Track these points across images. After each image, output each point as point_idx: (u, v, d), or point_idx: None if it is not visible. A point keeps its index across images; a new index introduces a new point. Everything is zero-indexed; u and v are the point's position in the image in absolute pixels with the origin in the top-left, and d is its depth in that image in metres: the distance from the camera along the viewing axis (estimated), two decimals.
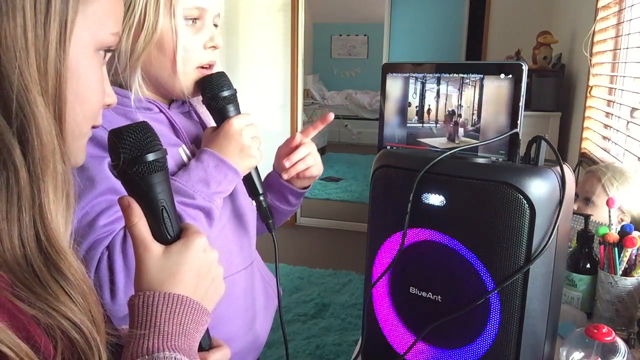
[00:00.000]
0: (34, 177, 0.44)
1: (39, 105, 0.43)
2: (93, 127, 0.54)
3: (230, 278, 0.96)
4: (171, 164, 0.87)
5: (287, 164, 1.04)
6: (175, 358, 0.51)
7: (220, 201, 0.89)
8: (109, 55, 0.53)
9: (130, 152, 0.55)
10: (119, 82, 0.88)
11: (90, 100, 0.51)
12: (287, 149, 1.06)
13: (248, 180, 0.98)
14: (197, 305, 0.56)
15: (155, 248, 0.56)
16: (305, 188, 1.12)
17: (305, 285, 3.31)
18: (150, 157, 0.55)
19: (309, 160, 1.05)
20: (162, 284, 0.55)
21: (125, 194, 0.57)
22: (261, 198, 0.99)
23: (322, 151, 7.00)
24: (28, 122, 0.43)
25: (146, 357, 0.51)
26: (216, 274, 0.60)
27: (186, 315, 0.55)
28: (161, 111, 0.93)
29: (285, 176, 1.05)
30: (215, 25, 0.93)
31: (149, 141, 0.56)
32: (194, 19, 0.89)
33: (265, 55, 4.22)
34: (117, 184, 0.82)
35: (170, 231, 0.58)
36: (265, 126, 4.31)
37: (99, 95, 0.52)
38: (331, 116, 1.07)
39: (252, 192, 0.99)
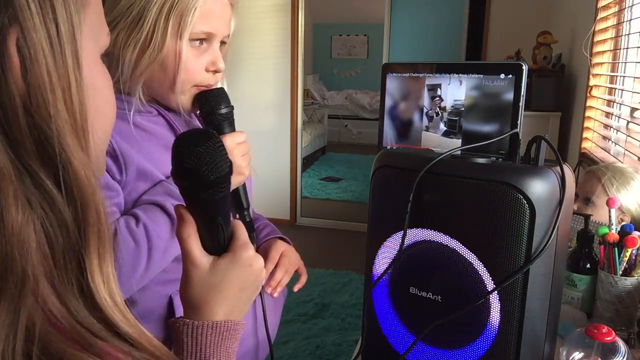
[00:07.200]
0: (81, 232, 0.40)
1: (73, 150, 0.39)
2: None
3: None
4: (168, 167, 0.88)
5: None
6: None
7: None
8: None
9: (204, 179, 0.51)
10: (118, 89, 0.88)
11: (108, 114, 0.47)
12: None
13: (234, 194, 0.98)
14: (239, 325, 0.58)
15: (202, 264, 0.57)
16: None
17: (306, 285, 3.29)
18: (225, 179, 0.53)
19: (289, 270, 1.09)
20: (208, 300, 0.57)
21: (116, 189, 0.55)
22: (245, 213, 1.00)
23: (322, 151, 7.00)
24: (68, 172, 0.38)
25: None
26: (259, 282, 0.61)
27: (231, 339, 0.57)
28: (159, 114, 0.93)
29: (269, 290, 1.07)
30: (225, 42, 0.94)
31: (223, 160, 0.52)
32: (201, 40, 0.90)
33: (265, 55, 4.22)
34: (111, 180, 0.84)
35: (221, 241, 0.58)
36: (265, 126, 4.31)
37: (114, 106, 0.49)
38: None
39: (237, 206, 1.00)
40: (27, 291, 0.35)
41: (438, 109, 0.87)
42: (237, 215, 1.00)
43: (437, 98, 0.87)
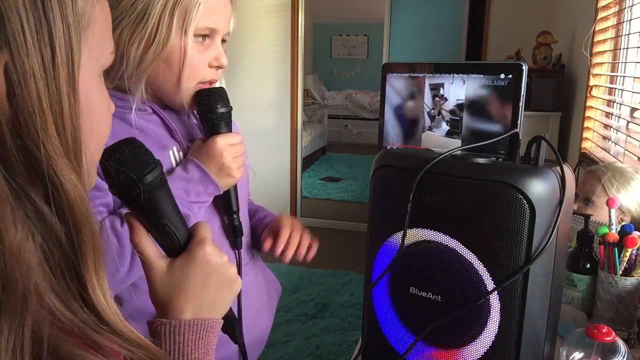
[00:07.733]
0: (76, 249, 0.41)
1: (64, 172, 0.39)
2: None
3: None
4: None
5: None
6: None
7: (197, 209, 0.91)
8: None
9: (125, 178, 0.53)
10: (121, 87, 0.88)
11: (103, 132, 0.47)
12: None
13: (224, 197, 0.98)
14: (215, 323, 0.60)
15: (159, 265, 0.58)
16: None
17: (305, 285, 3.31)
18: (148, 179, 0.54)
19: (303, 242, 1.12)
20: (171, 299, 0.58)
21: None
22: (234, 216, 1.00)
23: (322, 151, 6.99)
24: (59, 193, 0.39)
25: None
26: (225, 276, 0.61)
27: (208, 336, 0.59)
28: (154, 112, 0.93)
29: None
30: (225, 40, 0.95)
31: (143, 163, 0.54)
32: (204, 36, 0.90)
33: (265, 55, 4.22)
34: (100, 181, 0.84)
35: (176, 242, 0.59)
36: (265, 126, 4.31)
37: (109, 123, 0.49)
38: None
39: (227, 209, 1.00)
40: (29, 307, 0.36)
41: (440, 108, 0.87)
42: (227, 218, 1.00)
43: (440, 98, 0.87)
